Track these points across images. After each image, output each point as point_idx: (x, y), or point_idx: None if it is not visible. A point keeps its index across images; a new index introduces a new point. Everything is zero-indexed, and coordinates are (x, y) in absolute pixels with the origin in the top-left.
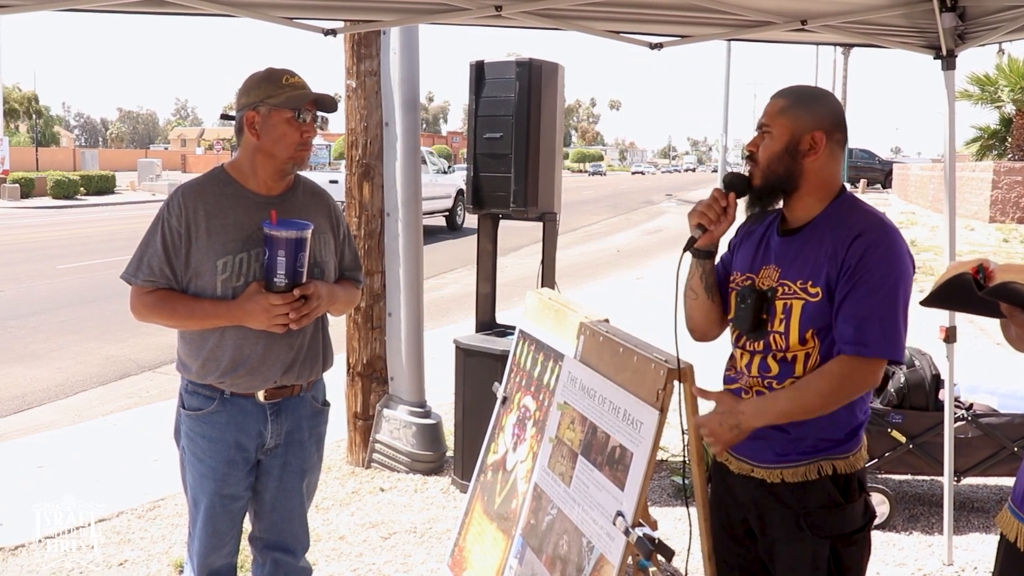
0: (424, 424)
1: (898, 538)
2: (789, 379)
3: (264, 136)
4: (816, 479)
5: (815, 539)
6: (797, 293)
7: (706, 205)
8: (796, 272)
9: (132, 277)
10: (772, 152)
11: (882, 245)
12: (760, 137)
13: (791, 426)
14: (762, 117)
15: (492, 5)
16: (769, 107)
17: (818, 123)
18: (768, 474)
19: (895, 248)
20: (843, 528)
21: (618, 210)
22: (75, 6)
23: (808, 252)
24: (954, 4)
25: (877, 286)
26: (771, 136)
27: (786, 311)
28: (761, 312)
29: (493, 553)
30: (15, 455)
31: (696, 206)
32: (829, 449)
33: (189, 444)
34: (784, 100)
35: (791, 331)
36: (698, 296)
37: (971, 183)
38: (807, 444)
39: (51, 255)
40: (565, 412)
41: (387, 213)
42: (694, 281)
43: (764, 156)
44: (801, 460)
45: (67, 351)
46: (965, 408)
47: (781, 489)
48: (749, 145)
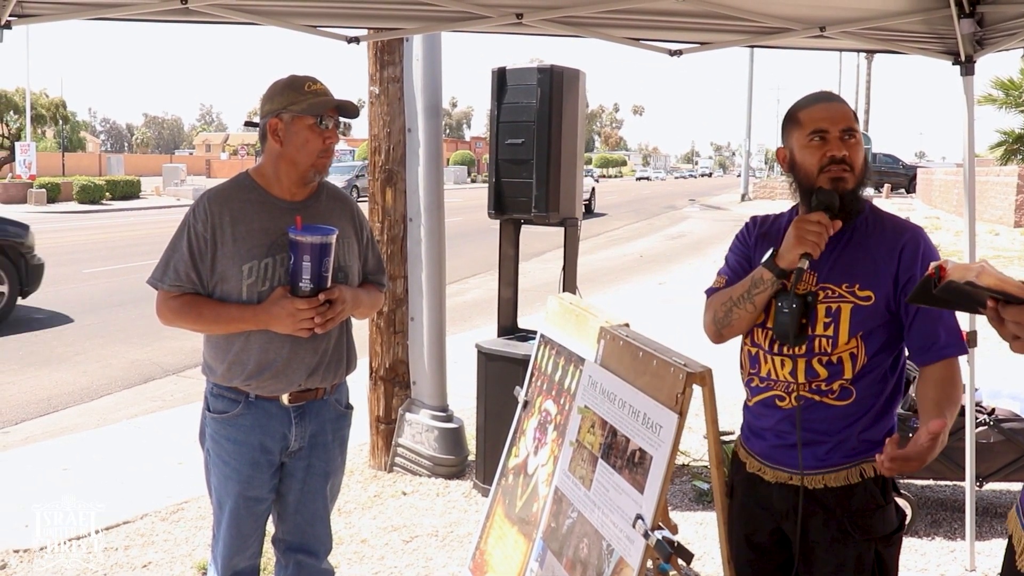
0: (446, 428)
1: (920, 544)
2: (838, 381)
3: (287, 143)
4: (859, 481)
5: (861, 541)
6: (844, 296)
7: (817, 235)
8: (840, 275)
9: (158, 282)
10: (863, 156)
11: (925, 246)
12: (847, 143)
13: (830, 432)
14: (844, 122)
15: (513, 13)
16: (849, 112)
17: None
18: (809, 480)
19: (930, 246)
20: (885, 529)
21: (641, 215)
22: (102, 15)
23: (850, 255)
24: (972, 10)
25: None
26: (857, 140)
27: (832, 315)
28: (802, 317)
29: (514, 556)
30: (40, 458)
31: (804, 234)
32: (869, 451)
33: (214, 446)
34: (847, 105)
35: (840, 335)
36: (755, 309)
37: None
38: (850, 447)
39: (76, 259)
40: (585, 416)
41: (410, 218)
42: (760, 298)
43: (859, 161)
44: (843, 464)
45: (92, 355)
46: (987, 413)
47: (824, 494)
48: (836, 150)
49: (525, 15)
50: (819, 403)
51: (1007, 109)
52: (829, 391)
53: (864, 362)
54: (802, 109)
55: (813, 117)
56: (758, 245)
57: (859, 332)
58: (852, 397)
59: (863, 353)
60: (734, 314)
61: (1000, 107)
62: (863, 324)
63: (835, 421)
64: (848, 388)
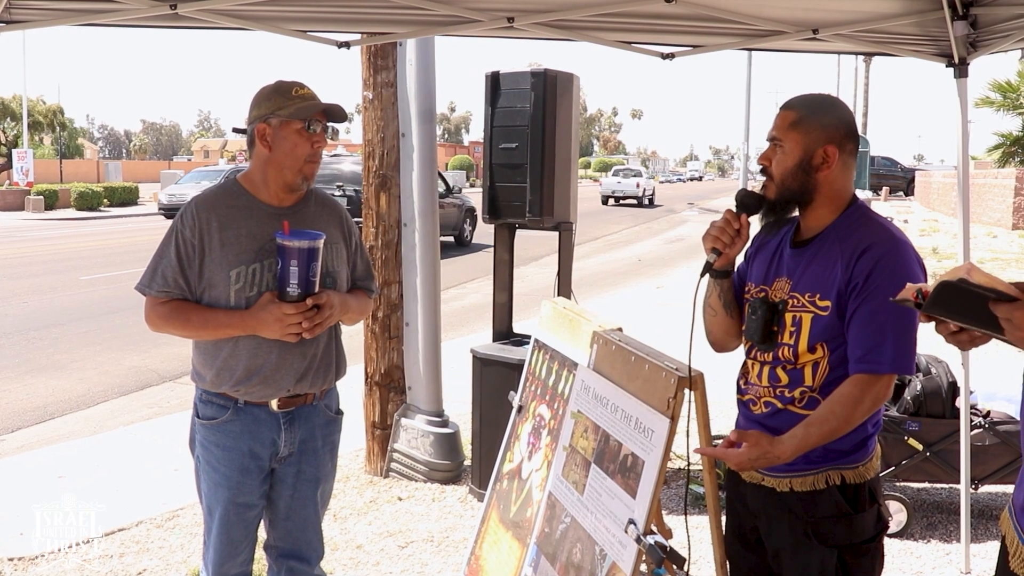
0: (442, 433)
1: (916, 546)
2: (799, 388)
3: (276, 147)
4: (824, 488)
5: (822, 548)
6: (806, 306)
7: (719, 229)
8: (805, 285)
9: (146, 288)
10: (786, 168)
11: (889, 258)
12: (772, 150)
13: None
14: (772, 130)
15: (504, 17)
16: (779, 119)
17: (829, 136)
18: (778, 483)
19: (903, 260)
20: (851, 538)
21: (639, 219)
22: (92, 21)
23: (817, 265)
24: (966, 12)
25: (885, 302)
26: (783, 150)
27: (796, 323)
28: (772, 324)
29: (508, 562)
30: (36, 465)
31: (709, 229)
32: (837, 459)
33: (203, 453)
34: (794, 112)
35: (800, 343)
36: (717, 313)
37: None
38: (815, 454)
39: (74, 266)
40: (579, 421)
41: (404, 224)
42: (712, 299)
43: (778, 171)
44: (809, 470)
45: (89, 362)
46: (982, 415)
47: (790, 498)
48: (761, 158)
49: (516, 19)
50: (783, 410)
51: (1005, 111)
52: (792, 398)
53: (826, 371)
54: None
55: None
56: (751, 260)
57: (820, 341)
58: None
59: (826, 363)
60: (706, 320)
61: (998, 109)
62: (823, 334)
63: None
64: (815, 398)
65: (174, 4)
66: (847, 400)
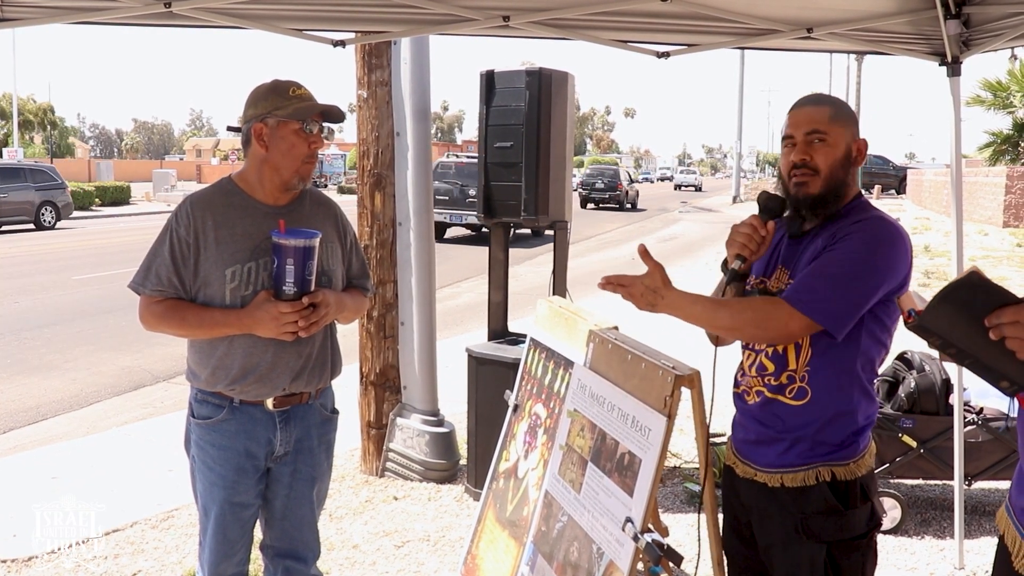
0: (437, 433)
1: (910, 542)
2: (785, 373)
3: (273, 147)
4: (814, 484)
5: (812, 544)
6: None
7: (746, 236)
8: (798, 273)
9: (140, 287)
10: (835, 159)
11: (867, 230)
12: (812, 146)
13: (788, 429)
14: (808, 125)
15: (499, 15)
16: (817, 114)
17: (857, 131)
18: (770, 478)
19: (880, 235)
20: (841, 534)
21: (633, 218)
22: (85, 19)
23: (811, 252)
24: (959, 11)
25: (840, 257)
26: (828, 144)
27: None
28: None
29: (505, 560)
30: (29, 466)
31: (734, 235)
32: (827, 455)
33: (199, 452)
34: (831, 108)
35: None
36: None
37: (985, 188)
38: (805, 448)
39: (66, 266)
40: (575, 419)
41: (399, 223)
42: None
43: (826, 164)
44: (800, 465)
45: (82, 362)
46: (976, 412)
47: (781, 493)
48: (800, 155)
49: (512, 17)
50: (773, 400)
51: (995, 110)
52: (780, 387)
53: (810, 356)
54: (787, 115)
55: (787, 123)
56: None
57: None
58: (807, 397)
59: (808, 344)
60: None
61: (988, 108)
62: None
63: (790, 419)
64: (804, 388)
65: (168, 2)
66: (749, 306)
